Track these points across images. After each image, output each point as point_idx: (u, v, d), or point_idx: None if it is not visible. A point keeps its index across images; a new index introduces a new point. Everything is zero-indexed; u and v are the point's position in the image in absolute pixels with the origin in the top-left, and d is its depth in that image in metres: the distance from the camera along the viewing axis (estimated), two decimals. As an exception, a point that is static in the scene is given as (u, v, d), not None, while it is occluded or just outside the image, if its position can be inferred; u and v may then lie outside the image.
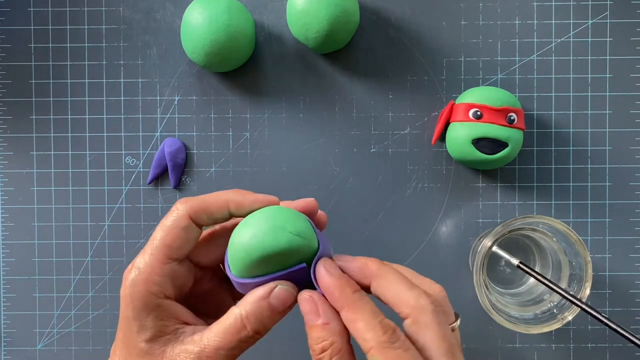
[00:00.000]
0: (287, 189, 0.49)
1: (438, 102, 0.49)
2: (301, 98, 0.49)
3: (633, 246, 0.48)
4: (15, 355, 0.49)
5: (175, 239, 0.31)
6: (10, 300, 0.49)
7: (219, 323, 0.31)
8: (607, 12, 0.48)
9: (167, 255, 0.31)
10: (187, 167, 0.49)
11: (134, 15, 0.49)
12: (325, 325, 0.30)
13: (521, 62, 0.49)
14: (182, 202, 0.32)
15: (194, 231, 0.32)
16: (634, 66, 0.48)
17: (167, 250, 0.31)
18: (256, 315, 0.30)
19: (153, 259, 0.31)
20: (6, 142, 0.49)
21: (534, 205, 0.49)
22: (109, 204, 0.49)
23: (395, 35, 0.49)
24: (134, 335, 0.31)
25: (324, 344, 0.29)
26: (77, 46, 0.49)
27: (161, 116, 0.49)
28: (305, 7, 0.44)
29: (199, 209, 0.32)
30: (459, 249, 0.49)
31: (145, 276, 0.31)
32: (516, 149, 0.46)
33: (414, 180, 0.49)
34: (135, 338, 0.31)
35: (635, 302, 0.48)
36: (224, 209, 0.32)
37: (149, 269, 0.31)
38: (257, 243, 0.30)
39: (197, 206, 0.32)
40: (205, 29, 0.44)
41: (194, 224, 0.32)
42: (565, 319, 0.42)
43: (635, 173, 0.49)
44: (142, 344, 0.30)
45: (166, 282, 0.31)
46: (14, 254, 0.49)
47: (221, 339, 0.30)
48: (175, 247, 0.31)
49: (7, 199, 0.49)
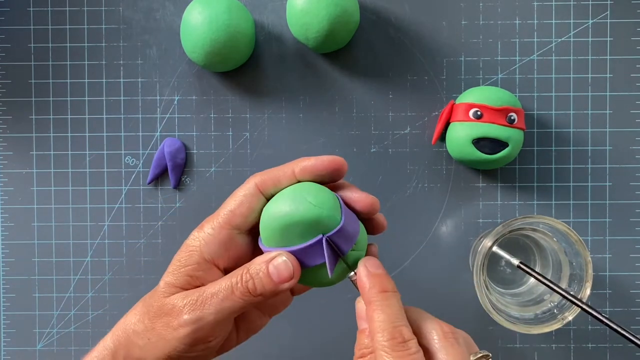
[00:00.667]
0: (287, 189, 0.49)
1: (438, 102, 0.49)
2: (301, 98, 0.49)
3: (633, 246, 0.48)
4: (15, 355, 0.49)
5: (242, 206, 0.32)
6: (10, 300, 0.49)
7: (224, 277, 0.32)
8: (607, 12, 0.48)
9: (231, 224, 0.32)
10: (187, 167, 0.49)
11: (133, 15, 0.49)
12: (362, 335, 0.31)
13: (521, 62, 0.49)
14: (254, 176, 0.33)
15: (260, 201, 0.33)
16: (634, 66, 0.48)
17: (232, 219, 0.32)
18: (254, 276, 0.32)
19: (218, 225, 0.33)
20: (6, 142, 0.49)
21: (534, 205, 0.49)
22: (109, 204, 0.49)
23: (395, 35, 0.49)
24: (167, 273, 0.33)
25: (364, 351, 0.31)
26: (77, 46, 0.49)
27: (161, 116, 0.49)
28: (305, 6, 0.44)
29: (268, 179, 0.33)
30: (459, 249, 0.49)
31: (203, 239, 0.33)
32: (516, 149, 0.46)
33: (414, 180, 0.49)
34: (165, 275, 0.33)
35: (636, 302, 0.48)
36: (291, 177, 0.33)
37: (211, 233, 0.32)
38: (278, 211, 0.31)
39: (267, 177, 0.33)
40: (205, 28, 0.44)
41: (262, 195, 0.33)
42: (566, 319, 0.42)
43: (635, 173, 0.49)
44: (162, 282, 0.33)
45: (221, 248, 0.33)
46: (14, 254, 0.49)
47: (218, 288, 0.32)
48: (242, 216, 0.33)
49: (6, 199, 0.49)
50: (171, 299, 0.32)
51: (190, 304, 0.32)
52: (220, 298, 0.31)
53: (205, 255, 0.33)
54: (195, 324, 0.31)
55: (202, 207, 0.49)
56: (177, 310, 0.32)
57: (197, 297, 0.32)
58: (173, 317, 0.32)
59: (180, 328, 0.31)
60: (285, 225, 0.31)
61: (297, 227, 0.31)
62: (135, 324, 0.33)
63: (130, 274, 0.49)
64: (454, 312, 0.48)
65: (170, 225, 0.49)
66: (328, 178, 0.34)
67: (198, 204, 0.49)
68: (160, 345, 0.32)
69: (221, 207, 0.33)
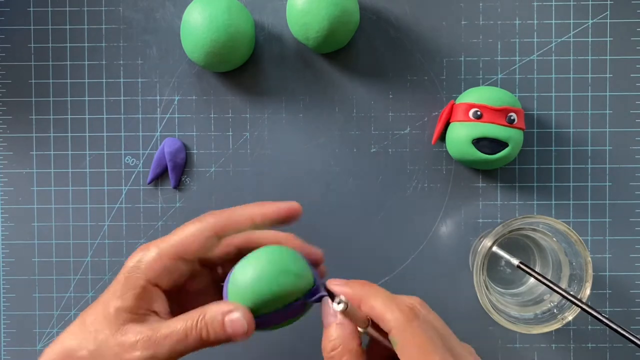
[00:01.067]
0: (287, 189, 0.49)
1: (438, 102, 0.49)
2: (301, 98, 0.49)
3: (633, 246, 0.48)
4: (15, 355, 0.49)
5: (193, 243, 0.34)
6: (9, 300, 0.49)
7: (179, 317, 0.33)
8: (607, 12, 0.48)
9: (178, 255, 0.34)
10: (187, 167, 0.49)
11: (133, 15, 0.49)
12: (339, 325, 0.32)
13: (521, 62, 0.49)
14: (212, 215, 0.35)
15: (214, 242, 0.35)
16: (634, 66, 0.48)
17: (181, 251, 0.34)
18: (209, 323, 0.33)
19: (166, 253, 0.34)
20: (6, 142, 0.49)
21: (534, 205, 0.49)
22: (109, 204, 0.49)
23: (395, 35, 0.49)
24: (112, 298, 0.33)
25: (334, 343, 0.31)
26: (77, 46, 0.49)
27: (161, 116, 0.49)
28: (305, 6, 0.44)
29: (226, 225, 0.35)
30: (459, 249, 0.49)
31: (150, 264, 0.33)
32: (516, 149, 0.46)
33: (414, 180, 0.49)
34: (111, 300, 0.33)
35: (636, 302, 0.48)
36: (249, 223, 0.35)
37: (156, 258, 0.34)
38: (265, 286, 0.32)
39: (225, 222, 0.35)
40: (205, 28, 0.44)
41: (216, 236, 0.34)
42: (566, 319, 0.42)
43: (635, 173, 0.49)
44: (112, 309, 0.33)
45: (164, 274, 0.34)
46: (14, 254, 0.49)
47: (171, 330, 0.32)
48: (190, 252, 0.34)
49: (6, 199, 0.49)
50: (124, 331, 0.33)
51: (144, 342, 0.32)
52: (174, 340, 0.32)
53: (150, 279, 0.34)
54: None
55: (202, 207, 0.49)
56: (130, 345, 0.32)
57: (151, 336, 0.32)
58: (124, 350, 0.32)
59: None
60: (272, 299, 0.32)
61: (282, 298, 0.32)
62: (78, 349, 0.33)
63: (130, 274, 0.49)
64: (454, 312, 0.48)
65: (170, 225, 0.49)
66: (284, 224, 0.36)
67: (198, 204, 0.49)
68: None
69: (171, 235, 0.34)
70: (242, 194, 0.49)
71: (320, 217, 0.49)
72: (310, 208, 0.49)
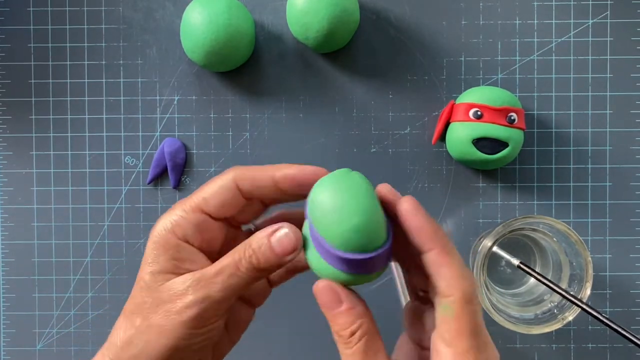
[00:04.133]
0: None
1: (438, 102, 0.49)
2: (301, 98, 0.49)
3: (633, 246, 0.48)
4: (15, 355, 0.49)
5: (214, 197, 0.32)
6: (9, 300, 0.49)
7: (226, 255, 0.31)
8: (607, 12, 0.48)
9: (201, 209, 0.32)
10: (187, 167, 0.49)
11: (133, 15, 0.49)
12: (351, 310, 0.29)
13: (521, 62, 0.48)
14: (233, 169, 0.33)
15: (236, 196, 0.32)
16: (635, 66, 0.48)
17: (203, 205, 0.31)
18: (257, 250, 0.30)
19: (189, 208, 0.31)
20: (6, 142, 0.49)
21: (535, 206, 0.49)
22: (109, 204, 0.49)
23: (395, 35, 0.49)
24: (144, 267, 0.31)
25: (353, 327, 0.29)
26: (77, 46, 0.49)
27: (161, 116, 0.49)
28: (305, 6, 0.44)
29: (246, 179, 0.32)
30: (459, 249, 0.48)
31: (177, 220, 0.31)
32: (516, 149, 0.46)
33: (414, 180, 0.49)
34: (144, 269, 0.31)
35: (636, 302, 0.48)
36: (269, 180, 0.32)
37: (183, 214, 0.31)
38: (349, 220, 0.28)
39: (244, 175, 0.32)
40: (204, 28, 0.44)
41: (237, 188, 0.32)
42: (566, 319, 0.42)
43: (635, 173, 0.48)
44: (147, 275, 0.31)
45: (192, 229, 0.31)
46: (14, 254, 0.49)
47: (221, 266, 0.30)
48: (213, 206, 0.32)
49: (6, 199, 0.49)
50: (168, 285, 0.31)
51: (194, 285, 0.30)
52: (227, 275, 0.30)
53: (180, 236, 0.31)
54: (202, 304, 0.30)
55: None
56: (179, 294, 0.30)
57: (201, 277, 0.30)
58: (174, 302, 0.30)
59: (186, 310, 0.30)
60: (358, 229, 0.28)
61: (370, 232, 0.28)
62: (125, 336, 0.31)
63: (130, 274, 0.49)
64: (454, 312, 0.48)
65: (170, 225, 0.49)
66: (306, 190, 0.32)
67: (198, 204, 0.49)
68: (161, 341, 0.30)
69: (194, 193, 0.32)
70: (242, 194, 0.49)
71: (320, 217, 0.49)
72: (310, 208, 0.49)
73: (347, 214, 0.28)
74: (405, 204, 0.30)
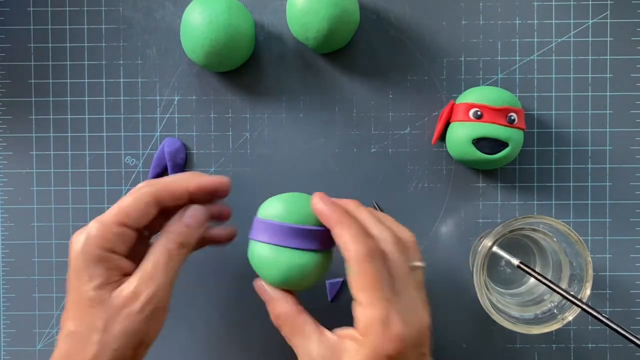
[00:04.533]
0: (287, 189, 0.49)
1: (438, 102, 0.49)
2: (301, 98, 0.49)
3: (633, 246, 0.48)
4: (15, 355, 0.49)
5: (133, 211, 0.36)
6: (9, 300, 0.49)
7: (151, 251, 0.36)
8: (607, 12, 0.48)
9: (122, 222, 0.35)
10: (187, 167, 0.49)
11: (133, 15, 0.49)
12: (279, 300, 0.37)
13: (521, 62, 0.49)
14: (148, 184, 0.37)
15: (152, 210, 0.36)
16: (635, 66, 0.48)
17: (124, 217, 0.35)
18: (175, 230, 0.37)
19: (110, 222, 0.35)
20: (6, 142, 0.49)
21: (535, 205, 0.49)
22: (109, 204, 0.49)
23: (395, 35, 0.49)
24: (84, 285, 0.34)
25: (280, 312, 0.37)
26: (77, 46, 0.49)
27: (161, 116, 0.49)
28: (305, 6, 0.44)
29: (163, 193, 0.37)
30: (459, 249, 0.49)
31: (100, 234, 0.35)
32: (516, 149, 0.46)
33: (414, 180, 0.49)
34: (85, 287, 0.34)
35: (636, 302, 0.48)
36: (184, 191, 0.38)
37: (104, 228, 0.35)
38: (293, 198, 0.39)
39: (161, 190, 0.37)
40: (205, 28, 0.44)
41: (155, 203, 0.36)
42: (566, 319, 0.42)
43: (635, 173, 0.49)
44: (92, 292, 0.34)
45: (117, 240, 0.35)
46: (14, 254, 0.49)
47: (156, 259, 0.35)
48: (133, 217, 0.36)
49: (6, 199, 0.49)
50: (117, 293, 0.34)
51: (142, 283, 0.34)
52: (164, 264, 0.35)
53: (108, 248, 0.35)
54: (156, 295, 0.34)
55: (202, 207, 0.49)
56: (131, 297, 0.34)
57: (143, 275, 0.34)
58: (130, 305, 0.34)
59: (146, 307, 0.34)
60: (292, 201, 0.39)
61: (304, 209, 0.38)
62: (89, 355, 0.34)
63: (130, 274, 0.49)
64: (454, 312, 0.48)
65: (170, 225, 0.49)
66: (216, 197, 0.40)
67: (198, 204, 0.49)
68: (129, 342, 0.34)
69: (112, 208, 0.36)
70: (242, 194, 0.49)
71: (320, 217, 0.49)
72: (310, 208, 0.49)
73: None
74: (314, 198, 0.37)
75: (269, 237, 0.37)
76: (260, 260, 0.38)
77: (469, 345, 0.48)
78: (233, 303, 0.48)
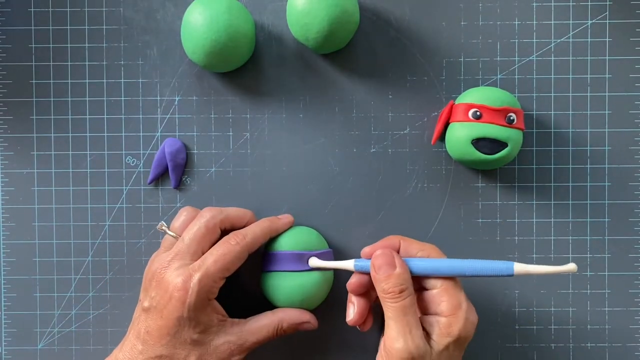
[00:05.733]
0: (287, 189, 0.49)
1: (438, 102, 0.49)
2: (301, 98, 0.49)
3: (632, 246, 0.49)
4: (16, 354, 0.49)
5: (234, 265, 0.42)
6: (10, 300, 0.49)
7: (256, 321, 0.43)
8: (606, 13, 0.49)
9: (224, 276, 0.41)
10: (188, 167, 0.49)
11: (134, 15, 0.49)
12: (402, 274, 0.40)
13: (521, 63, 0.49)
14: (243, 237, 0.42)
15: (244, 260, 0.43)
16: (634, 66, 0.48)
17: (226, 272, 0.41)
18: (289, 316, 0.44)
19: (216, 276, 0.40)
20: (6, 142, 0.50)
21: (534, 205, 0.49)
22: (110, 204, 0.49)
23: (395, 35, 0.49)
24: (187, 330, 0.40)
25: (403, 287, 0.39)
26: (78, 46, 0.49)
27: (161, 116, 0.49)
28: (306, 7, 0.44)
29: (252, 247, 0.43)
30: (459, 249, 0.49)
31: (207, 287, 0.40)
32: (516, 149, 0.46)
33: (414, 180, 0.49)
34: (188, 332, 0.40)
35: (635, 302, 0.49)
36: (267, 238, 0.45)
37: (211, 281, 0.40)
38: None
39: (251, 244, 0.43)
40: (205, 29, 0.44)
41: (247, 252, 0.43)
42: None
43: (634, 173, 0.49)
44: (196, 335, 0.40)
45: (217, 289, 0.41)
46: (15, 253, 0.49)
47: (260, 325, 0.43)
48: (231, 271, 0.42)
49: (7, 199, 0.49)
50: (214, 344, 0.41)
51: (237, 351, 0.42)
52: (262, 325, 0.43)
53: (211, 298, 0.41)
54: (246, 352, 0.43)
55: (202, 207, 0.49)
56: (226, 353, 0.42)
57: (237, 340, 0.42)
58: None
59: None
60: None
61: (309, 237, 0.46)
62: None
63: (131, 273, 0.49)
64: (454, 312, 0.48)
65: (171, 225, 0.49)
66: None
67: (198, 204, 0.49)
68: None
69: (215, 260, 0.41)
70: (242, 194, 0.49)
71: (320, 217, 0.49)
72: (310, 208, 0.49)
73: None
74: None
75: (277, 266, 0.45)
76: (273, 286, 0.45)
77: (468, 344, 0.48)
78: (232, 309, 0.49)
